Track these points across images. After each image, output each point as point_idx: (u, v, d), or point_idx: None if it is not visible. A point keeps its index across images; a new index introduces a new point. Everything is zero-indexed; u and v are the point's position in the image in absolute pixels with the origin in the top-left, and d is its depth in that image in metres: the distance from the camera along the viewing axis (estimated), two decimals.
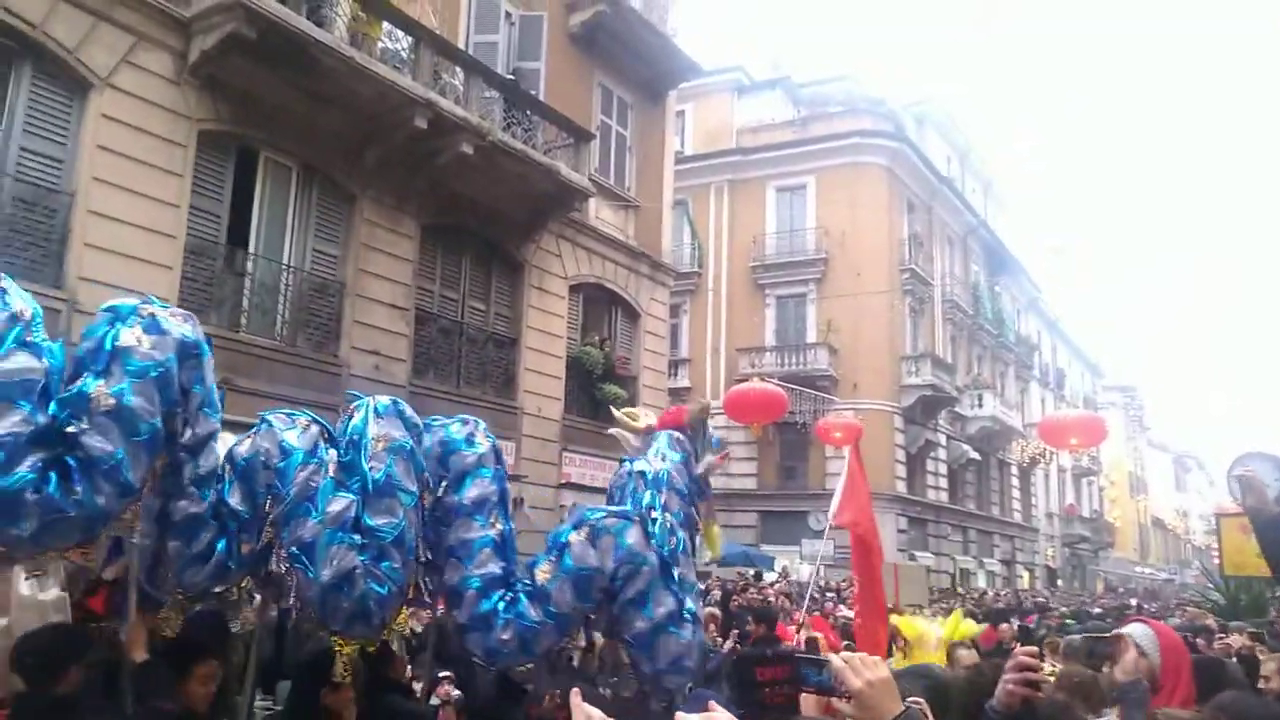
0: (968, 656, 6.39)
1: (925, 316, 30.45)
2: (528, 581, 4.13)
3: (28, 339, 3.07)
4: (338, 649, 3.97)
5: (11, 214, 9.29)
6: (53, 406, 3.11)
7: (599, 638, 4.77)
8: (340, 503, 3.62)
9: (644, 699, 4.29)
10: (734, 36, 73.16)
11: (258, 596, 4.21)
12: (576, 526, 4.17)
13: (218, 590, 3.87)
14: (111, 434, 3.10)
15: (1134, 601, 25.05)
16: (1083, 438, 16.48)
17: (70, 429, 3.07)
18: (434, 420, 4.34)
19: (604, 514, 4.25)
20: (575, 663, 5.33)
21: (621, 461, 5.01)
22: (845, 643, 8.73)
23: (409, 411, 4.00)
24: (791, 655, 2.07)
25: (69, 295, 9.33)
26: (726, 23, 62.27)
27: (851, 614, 10.44)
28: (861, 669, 1.74)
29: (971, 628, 8.48)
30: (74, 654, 3.40)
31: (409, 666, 5.69)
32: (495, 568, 4.06)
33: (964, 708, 2.76)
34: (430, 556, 4.14)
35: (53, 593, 3.74)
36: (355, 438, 3.80)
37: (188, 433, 3.46)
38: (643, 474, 4.71)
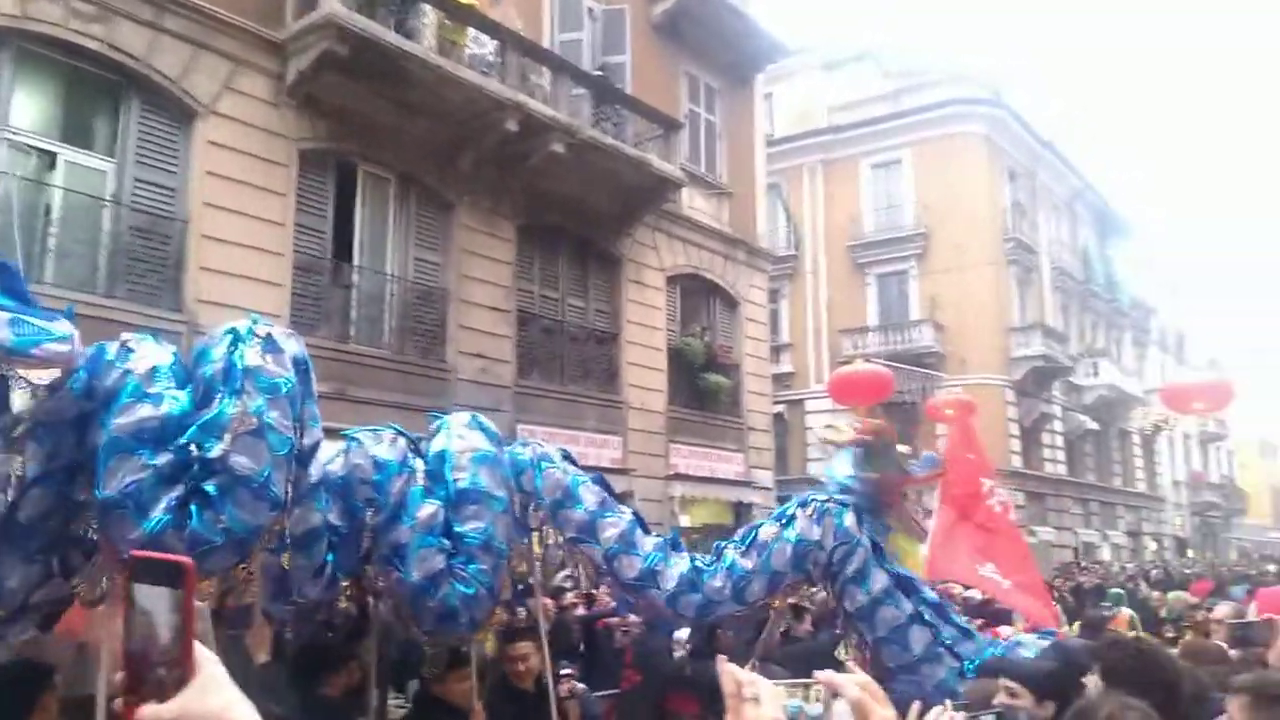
0: None
1: (1033, 286, 29.34)
2: (738, 541, 4.66)
3: (148, 390, 3.21)
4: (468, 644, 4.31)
5: (130, 243, 9.66)
6: (187, 437, 3.22)
7: None
8: (429, 509, 3.86)
9: None
10: (816, 14, 71.84)
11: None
12: (803, 505, 4.67)
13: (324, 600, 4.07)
14: (256, 452, 3.21)
15: (1272, 568, 23.70)
16: (1208, 402, 15.55)
17: (213, 453, 3.17)
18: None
19: (825, 498, 4.72)
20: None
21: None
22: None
23: (490, 425, 4.34)
24: None
25: (188, 318, 9.65)
26: (807, 1, 61.36)
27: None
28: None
29: None
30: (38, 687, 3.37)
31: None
32: (655, 539, 4.57)
33: None
34: (608, 565, 4.51)
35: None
36: (440, 452, 4.08)
37: (305, 442, 3.58)
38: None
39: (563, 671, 5.74)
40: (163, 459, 3.15)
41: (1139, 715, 1.94)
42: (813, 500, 4.64)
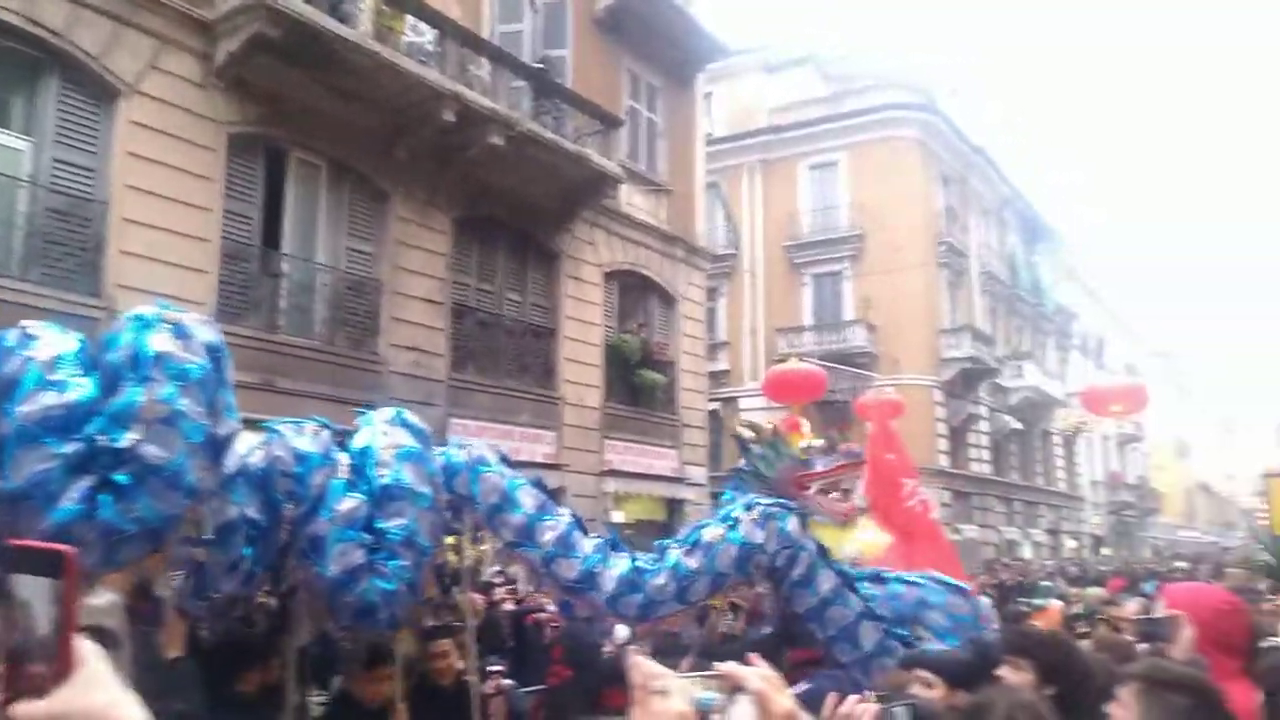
0: None
1: (963, 289, 30.01)
2: (681, 540, 4.66)
3: (49, 378, 3.12)
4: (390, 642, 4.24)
5: (46, 224, 9.31)
6: (95, 426, 3.13)
7: None
8: (350, 502, 3.79)
9: None
10: (759, 14, 72.50)
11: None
12: (747, 508, 4.66)
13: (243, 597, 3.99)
14: (168, 440, 3.14)
15: (1182, 564, 24.66)
16: (1125, 405, 16.29)
17: (123, 443, 3.08)
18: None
19: (770, 502, 4.75)
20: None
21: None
22: None
23: (415, 421, 4.24)
24: None
25: (107, 303, 9.32)
26: (749, 1, 61.90)
27: None
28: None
29: None
30: None
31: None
32: (594, 540, 4.53)
33: None
34: (546, 568, 4.47)
35: (105, 598, 3.81)
36: (363, 448, 4.01)
37: (220, 432, 3.49)
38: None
39: (491, 668, 5.72)
40: (70, 448, 3.06)
41: (1030, 715, 2.00)
42: (757, 504, 4.67)
